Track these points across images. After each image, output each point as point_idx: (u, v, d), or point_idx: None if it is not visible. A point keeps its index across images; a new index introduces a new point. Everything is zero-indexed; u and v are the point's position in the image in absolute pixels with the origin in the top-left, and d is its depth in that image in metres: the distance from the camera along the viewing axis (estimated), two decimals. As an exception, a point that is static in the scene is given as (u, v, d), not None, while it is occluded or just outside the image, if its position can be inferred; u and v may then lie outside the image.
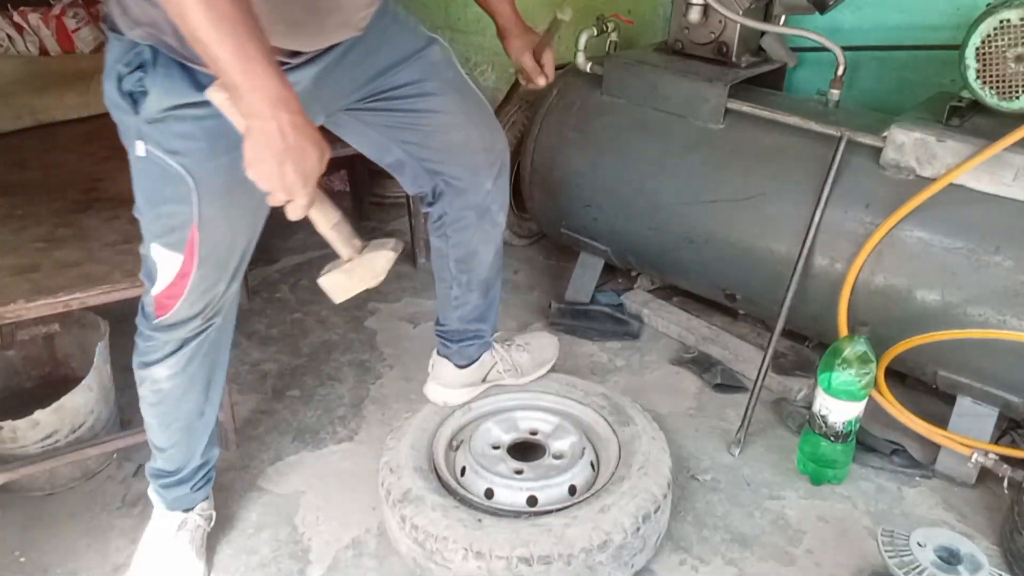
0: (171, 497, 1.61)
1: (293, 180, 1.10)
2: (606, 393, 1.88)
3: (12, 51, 2.66)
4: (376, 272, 1.33)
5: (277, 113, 1.05)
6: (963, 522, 1.77)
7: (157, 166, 1.23)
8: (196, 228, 1.28)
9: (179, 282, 1.33)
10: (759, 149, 2.04)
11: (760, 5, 2.15)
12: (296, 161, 1.08)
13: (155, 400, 1.51)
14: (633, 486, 1.57)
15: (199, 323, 1.42)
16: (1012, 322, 1.69)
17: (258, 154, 1.08)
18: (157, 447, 1.57)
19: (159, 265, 1.34)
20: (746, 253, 2.05)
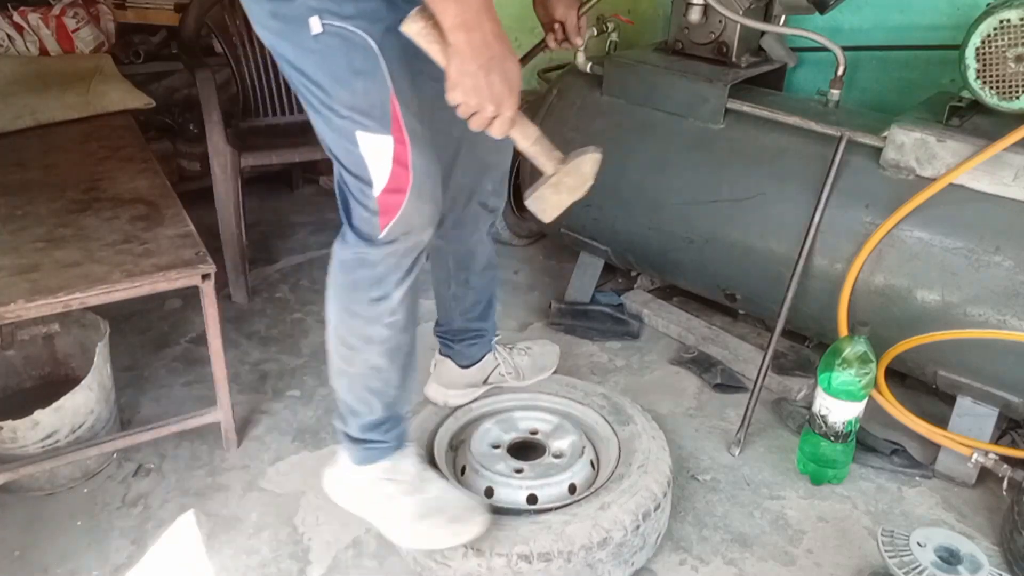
0: (392, 439, 1.49)
1: (501, 89, 1.10)
2: (606, 393, 1.88)
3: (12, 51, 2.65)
4: (585, 177, 1.27)
5: (482, 21, 1.06)
6: (963, 522, 1.77)
7: (337, 37, 1.15)
8: (395, 98, 1.19)
9: (399, 171, 1.23)
10: (759, 149, 2.04)
11: (760, 5, 2.15)
12: (502, 68, 1.09)
13: (388, 335, 1.38)
14: (633, 484, 1.58)
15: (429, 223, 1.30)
16: (1012, 322, 1.69)
17: (465, 67, 1.08)
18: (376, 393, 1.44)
19: (368, 159, 1.22)
20: (746, 253, 2.05)
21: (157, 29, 3.08)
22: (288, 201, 3.26)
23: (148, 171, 2.08)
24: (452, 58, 1.09)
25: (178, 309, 2.46)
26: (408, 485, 1.48)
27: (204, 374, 2.11)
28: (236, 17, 2.63)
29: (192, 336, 2.34)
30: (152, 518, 1.75)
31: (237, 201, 2.43)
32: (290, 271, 2.74)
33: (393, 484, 1.48)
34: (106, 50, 2.80)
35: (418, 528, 1.45)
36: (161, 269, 1.66)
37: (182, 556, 1.66)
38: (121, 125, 2.41)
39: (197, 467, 1.89)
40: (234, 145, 2.39)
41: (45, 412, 1.69)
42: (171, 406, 2.06)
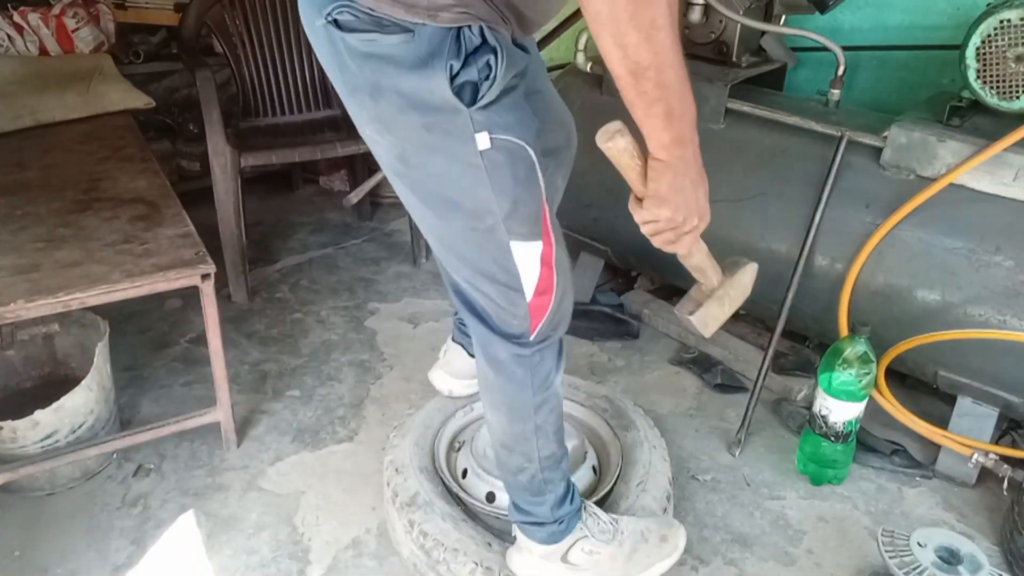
0: (577, 495, 1.45)
1: (704, 203, 1.11)
2: (608, 395, 1.88)
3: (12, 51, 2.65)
4: (745, 289, 1.30)
5: (695, 136, 1.06)
6: (963, 522, 1.77)
7: (504, 150, 1.08)
8: (545, 202, 1.16)
9: (547, 273, 1.20)
10: (759, 149, 2.04)
11: (760, 5, 2.15)
12: (705, 182, 1.10)
13: (557, 418, 1.37)
14: (631, 505, 1.57)
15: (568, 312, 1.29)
16: (1012, 322, 1.69)
17: (677, 184, 1.07)
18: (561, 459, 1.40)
19: (520, 266, 1.18)
20: (746, 253, 2.04)
21: (157, 29, 3.08)
22: (288, 201, 3.26)
23: (148, 171, 2.08)
24: (664, 174, 1.06)
25: (178, 309, 2.46)
26: (605, 532, 1.44)
27: (204, 374, 2.11)
28: (236, 17, 2.64)
29: (192, 336, 2.34)
30: (152, 518, 1.75)
31: (237, 201, 2.43)
32: (290, 271, 2.74)
33: (590, 539, 1.43)
34: (106, 50, 2.80)
35: (635, 564, 1.44)
36: (161, 269, 1.66)
37: (182, 556, 1.66)
38: (121, 125, 2.41)
39: (197, 467, 1.89)
40: (234, 145, 2.39)
41: (45, 412, 1.69)
42: (171, 406, 2.05)
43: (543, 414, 1.33)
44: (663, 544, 1.46)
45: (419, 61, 1.00)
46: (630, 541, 1.45)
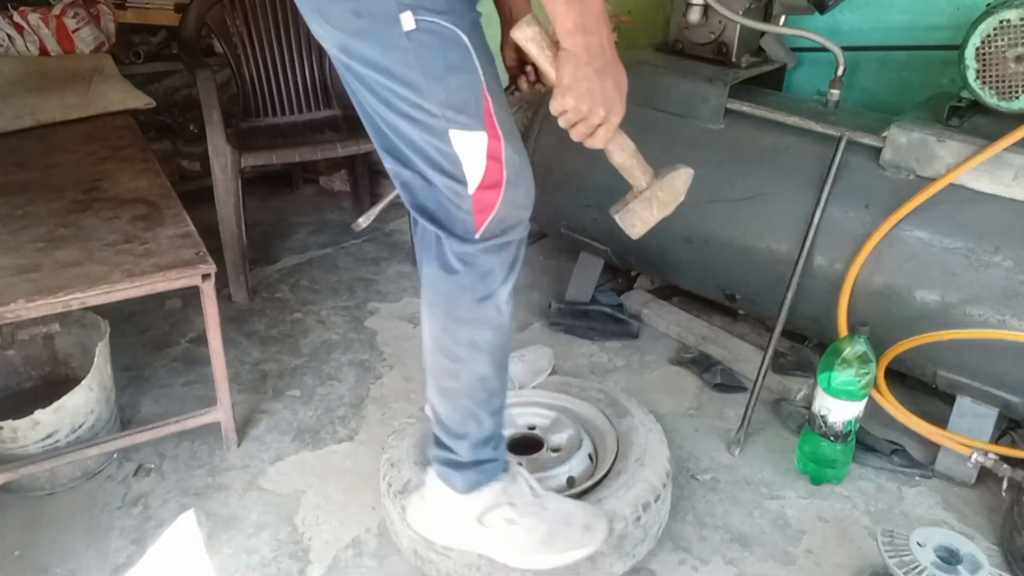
0: (500, 454, 1.41)
1: (613, 94, 1.11)
2: (602, 388, 1.89)
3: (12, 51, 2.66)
4: (677, 192, 1.25)
5: (600, 26, 1.07)
6: (963, 522, 1.77)
7: (430, 33, 1.11)
8: (487, 93, 1.16)
9: (494, 166, 1.19)
10: (759, 149, 2.04)
11: (760, 5, 2.15)
12: (615, 74, 1.10)
13: (496, 336, 1.32)
14: (631, 477, 1.58)
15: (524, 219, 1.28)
16: (1012, 322, 1.69)
17: (581, 72, 1.08)
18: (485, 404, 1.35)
19: (462, 156, 1.18)
20: (746, 253, 2.05)
21: (157, 29, 3.08)
22: (288, 201, 3.26)
23: (148, 171, 2.08)
24: (567, 62, 1.08)
25: (178, 309, 2.46)
26: (529, 505, 1.40)
27: (204, 374, 2.12)
28: (236, 17, 2.64)
29: (192, 336, 2.34)
30: (152, 518, 1.75)
31: (237, 201, 2.43)
32: (290, 271, 2.74)
33: (511, 507, 1.39)
34: (106, 50, 2.80)
35: (551, 546, 1.39)
36: (161, 269, 1.66)
37: (182, 556, 1.67)
38: (121, 125, 2.41)
39: (197, 467, 1.89)
40: (234, 145, 2.39)
41: (45, 412, 1.69)
42: (171, 406, 2.06)
43: (479, 327, 1.29)
44: (585, 532, 1.40)
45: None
46: (551, 521, 1.40)
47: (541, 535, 1.39)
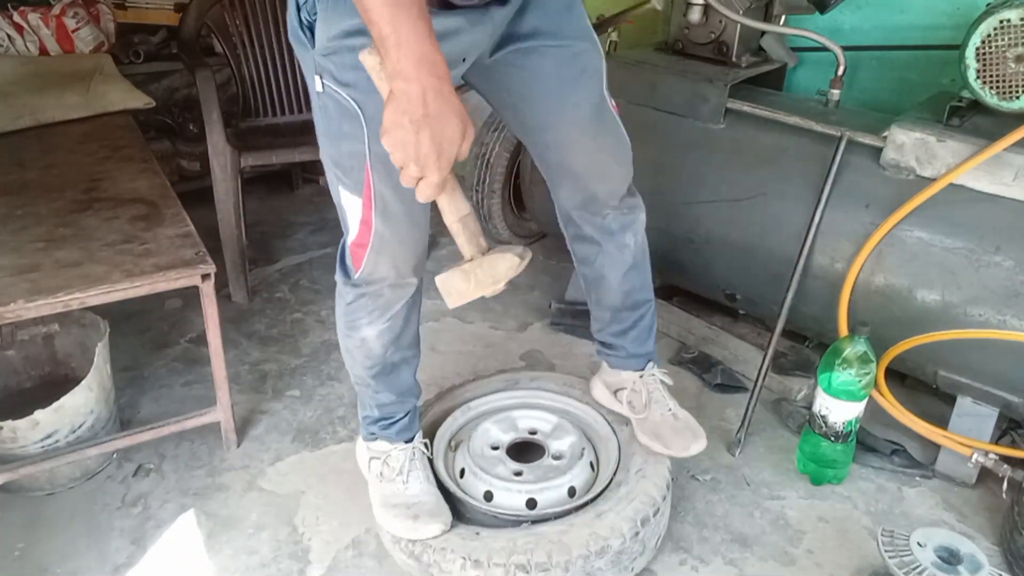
0: (395, 431, 1.61)
1: (428, 151, 1.03)
2: None
3: (12, 51, 2.66)
4: (496, 278, 1.19)
5: (421, 74, 1.00)
6: (963, 522, 1.77)
7: (333, 100, 1.20)
8: (369, 169, 1.24)
9: (364, 230, 1.31)
10: (759, 149, 2.04)
11: (760, 5, 2.15)
12: (434, 130, 1.02)
13: (370, 364, 1.52)
14: (632, 489, 1.57)
15: (394, 281, 1.39)
16: (1012, 322, 1.69)
17: (396, 119, 1.02)
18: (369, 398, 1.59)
19: (347, 211, 1.33)
20: (746, 253, 2.05)
21: (157, 29, 3.08)
22: (288, 201, 3.26)
23: (148, 171, 2.08)
24: (387, 105, 1.03)
25: (178, 309, 2.46)
26: (392, 475, 1.60)
27: (204, 374, 2.12)
28: (236, 17, 2.64)
29: (192, 336, 2.34)
30: (152, 518, 1.75)
31: (237, 201, 2.43)
32: (290, 271, 2.74)
33: (380, 466, 1.61)
34: (106, 50, 2.80)
35: (383, 512, 1.58)
36: (161, 269, 1.66)
37: (182, 556, 1.66)
38: (121, 125, 2.41)
39: (197, 467, 1.89)
40: (234, 145, 2.39)
41: (45, 412, 1.69)
42: (171, 406, 2.06)
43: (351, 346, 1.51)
44: (409, 520, 1.52)
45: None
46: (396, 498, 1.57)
47: (380, 499, 1.59)
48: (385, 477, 1.60)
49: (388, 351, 1.51)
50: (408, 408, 1.62)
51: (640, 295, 1.73)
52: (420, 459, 1.63)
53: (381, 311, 1.44)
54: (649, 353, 1.79)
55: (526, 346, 2.33)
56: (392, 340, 1.49)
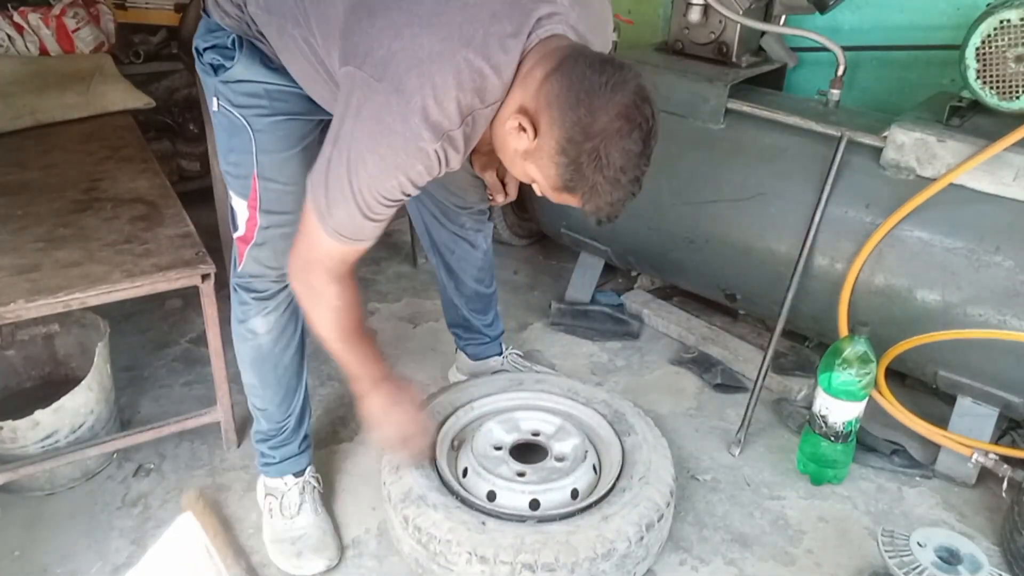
0: (280, 456, 1.70)
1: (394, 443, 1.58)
2: (608, 400, 1.85)
3: (12, 51, 2.65)
4: None
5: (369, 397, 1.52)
6: (963, 522, 1.77)
7: (226, 118, 1.40)
8: (256, 177, 1.42)
9: (249, 227, 1.47)
10: (759, 149, 2.04)
11: (760, 5, 2.15)
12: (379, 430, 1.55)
13: (255, 356, 1.61)
14: (636, 495, 1.56)
15: (276, 276, 1.53)
16: (1012, 322, 1.69)
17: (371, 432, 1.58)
18: (258, 408, 1.68)
19: (236, 212, 1.49)
20: (746, 253, 2.05)
21: (157, 29, 3.08)
22: (288, 201, 3.25)
23: (148, 171, 2.08)
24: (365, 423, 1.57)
25: (178, 309, 2.46)
26: (282, 510, 1.68)
27: (204, 374, 2.11)
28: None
29: (192, 336, 2.34)
30: (152, 518, 1.75)
31: (237, 201, 2.43)
32: (290, 271, 2.74)
33: (273, 501, 1.70)
34: (106, 50, 2.80)
35: (271, 547, 1.66)
36: (161, 269, 1.66)
37: (182, 556, 1.66)
38: (121, 125, 2.41)
39: (197, 467, 1.89)
40: (234, 145, 2.39)
41: (45, 412, 1.69)
42: (171, 406, 2.06)
43: (240, 343, 1.62)
44: (292, 558, 1.63)
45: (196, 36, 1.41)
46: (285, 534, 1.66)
47: (269, 533, 1.68)
48: (275, 514, 1.69)
49: (277, 345, 1.60)
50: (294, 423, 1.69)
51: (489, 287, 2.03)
52: (311, 492, 1.72)
53: (266, 302, 1.56)
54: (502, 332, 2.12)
55: (526, 346, 2.33)
56: (280, 333, 1.60)
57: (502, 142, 1.23)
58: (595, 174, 1.14)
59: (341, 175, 1.18)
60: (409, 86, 1.11)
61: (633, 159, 1.15)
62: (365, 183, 1.18)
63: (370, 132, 1.15)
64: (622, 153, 1.13)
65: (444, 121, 1.14)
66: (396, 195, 1.21)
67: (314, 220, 1.25)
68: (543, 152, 1.16)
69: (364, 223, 1.23)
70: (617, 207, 1.19)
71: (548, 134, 1.14)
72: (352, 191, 1.19)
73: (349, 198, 1.19)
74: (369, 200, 1.19)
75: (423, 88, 1.11)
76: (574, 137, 1.12)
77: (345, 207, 1.21)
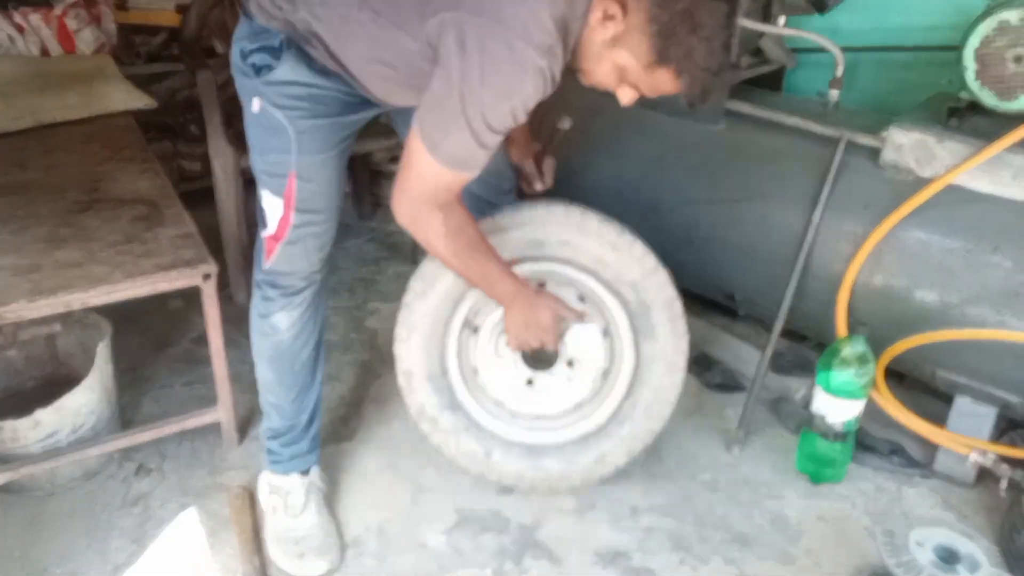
0: (289, 454, 1.71)
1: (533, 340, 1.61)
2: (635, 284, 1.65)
3: (13, 51, 2.66)
4: None
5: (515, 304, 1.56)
6: (962, 522, 1.78)
7: (268, 118, 1.42)
8: (294, 176, 1.45)
9: (281, 226, 1.50)
10: (759, 150, 2.04)
11: (759, 6, 2.15)
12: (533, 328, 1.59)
13: (274, 352, 1.64)
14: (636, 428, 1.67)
15: (305, 275, 1.57)
16: (1011, 322, 1.70)
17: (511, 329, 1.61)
18: (272, 404, 1.70)
19: (267, 210, 1.51)
20: (746, 253, 2.06)
21: (158, 30, 3.09)
22: (289, 201, 3.25)
23: (149, 172, 2.09)
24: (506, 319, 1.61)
25: (179, 309, 2.46)
26: (286, 509, 1.69)
27: (205, 374, 2.11)
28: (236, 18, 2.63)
29: (193, 336, 2.34)
30: (153, 517, 1.75)
31: (238, 201, 2.43)
32: (291, 271, 2.74)
33: (277, 499, 1.70)
34: (107, 51, 2.80)
35: (273, 546, 1.67)
36: (162, 269, 1.66)
37: (183, 556, 1.67)
38: (122, 126, 2.41)
39: (198, 467, 1.89)
40: (235, 146, 2.39)
41: (46, 412, 1.69)
42: (172, 406, 2.06)
43: (260, 337, 1.64)
44: (295, 559, 1.63)
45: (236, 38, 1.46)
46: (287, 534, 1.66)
47: (272, 532, 1.68)
48: (279, 512, 1.69)
49: (297, 342, 1.63)
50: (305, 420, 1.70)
51: None
52: (316, 493, 1.73)
53: (291, 297, 1.59)
54: None
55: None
56: (300, 330, 1.62)
57: (588, 44, 1.26)
58: (689, 36, 1.17)
59: (455, 108, 1.22)
60: (507, 13, 1.17)
61: (722, 19, 1.18)
62: (479, 112, 1.22)
63: (479, 63, 1.19)
64: (711, 13, 1.17)
65: (545, 37, 1.19)
66: (508, 121, 1.26)
67: (424, 152, 1.28)
68: (633, 29, 1.21)
69: (477, 151, 1.27)
70: (710, 76, 1.22)
71: (637, 6, 1.19)
72: (467, 120, 1.23)
73: (464, 127, 1.23)
74: (482, 128, 1.24)
75: (519, 12, 1.17)
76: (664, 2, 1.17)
77: (459, 136, 1.25)
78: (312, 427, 1.72)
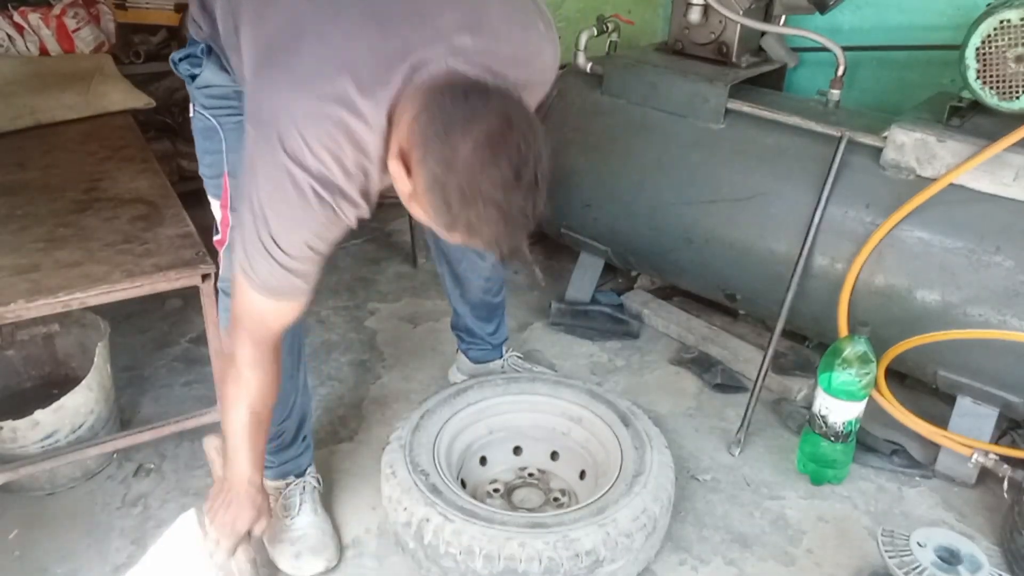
0: (279, 461, 1.70)
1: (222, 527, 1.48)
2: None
3: (12, 51, 2.65)
4: None
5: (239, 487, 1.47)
6: (963, 522, 1.77)
7: (200, 121, 1.47)
8: (227, 176, 1.45)
9: (223, 231, 1.50)
10: (759, 149, 2.04)
11: (760, 5, 2.15)
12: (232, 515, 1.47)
13: None
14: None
15: None
16: (1012, 322, 1.69)
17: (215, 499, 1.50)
18: None
19: (216, 216, 1.53)
20: (746, 253, 2.05)
21: (157, 29, 3.08)
22: (288, 201, 3.24)
23: (148, 171, 2.08)
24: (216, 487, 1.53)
25: (178, 309, 2.46)
26: (282, 510, 1.69)
27: (204, 374, 2.12)
28: (236, 17, 2.63)
29: (192, 336, 2.34)
30: (152, 518, 1.75)
31: (237, 201, 2.43)
32: (290, 271, 2.74)
33: (272, 501, 1.66)
34: (106, 50, 2.79)
35: (270, 547, 1.67)
36: (161, 269, 1.65)
37: (182, 556, 1.66)
38: (121, 125, 2.40)
39: (197, 467, 1.89)
40: (234, 145, 2.39)
41: (45, 412, 1.69)
42: (171, 406, 2.06)
43: None
44: (292, 559, 1.63)
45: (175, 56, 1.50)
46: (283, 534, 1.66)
47: (269, 533, 1.66)
48: (274, 513, 1.67)
49: None
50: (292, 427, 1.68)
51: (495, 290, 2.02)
52: (311, 493, 1.72)
53: None
54: (505, 339, 2.13)
55: (526, 346, 2.33)
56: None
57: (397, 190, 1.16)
58: (467, 210, 1.04)
59: (252, 230, 1.18)
60: (290, 146, 1.11)
61: (508, 188, 1.03)
62: (272, 237, 1.17)
63: (267, 190, 1.15)
64: (492, 184, 1.03)
65: (331, 177, 1.12)
66: (305, 251, 1.19)
67: (240, 278, 1.24)
68: (419, 193, 1.09)
69: (287, 276, 1.21)
70: (512, 240, 1.09)
71: (418, 174, 1.07)
72: (264, 244, 1.18)
73: (263, 251, 1.18)
74: (281, 254, 1.18)
75: (302, 148, 1.10)
76: (439, 174, 1.04)
77: (264, 260, 1.19)
78: (301, 432, 1.71)
